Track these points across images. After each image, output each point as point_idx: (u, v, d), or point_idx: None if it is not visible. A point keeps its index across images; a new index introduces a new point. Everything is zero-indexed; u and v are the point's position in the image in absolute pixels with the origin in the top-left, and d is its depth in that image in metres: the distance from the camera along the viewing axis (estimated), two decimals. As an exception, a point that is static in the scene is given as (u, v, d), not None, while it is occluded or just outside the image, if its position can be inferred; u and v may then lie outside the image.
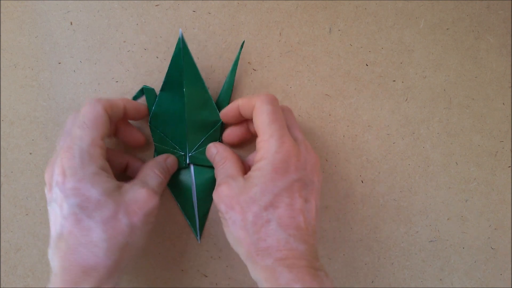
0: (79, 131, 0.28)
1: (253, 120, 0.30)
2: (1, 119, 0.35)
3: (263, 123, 0.29)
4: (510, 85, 0.36)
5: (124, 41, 0.35)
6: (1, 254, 0.36)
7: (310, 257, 0.26)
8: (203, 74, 0.35)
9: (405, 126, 0.36)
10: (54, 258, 0.27)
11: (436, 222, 0.36)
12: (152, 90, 0.34)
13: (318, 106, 0.36)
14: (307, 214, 0.27)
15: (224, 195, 0.28)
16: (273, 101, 0.29)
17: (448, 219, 0.36)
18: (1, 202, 0.36)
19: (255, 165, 0.28)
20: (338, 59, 0.36)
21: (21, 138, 0.35)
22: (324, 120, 0.36)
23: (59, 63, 0.35)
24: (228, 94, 0.34)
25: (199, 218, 0.35)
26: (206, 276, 0.36)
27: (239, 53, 0.33)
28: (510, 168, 0.36)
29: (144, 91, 0.34)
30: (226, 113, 0.33)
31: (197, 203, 0.35)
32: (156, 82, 0.35)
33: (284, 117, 0.30)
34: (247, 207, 0.27)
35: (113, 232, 0.27)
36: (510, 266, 0.36)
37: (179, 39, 0.32)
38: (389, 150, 0.36)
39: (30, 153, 0.35)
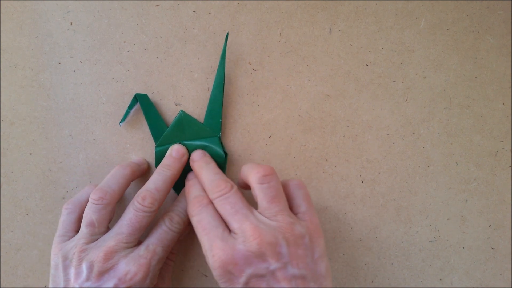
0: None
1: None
2: (1, 119, 0.35)
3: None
4: (510, 85, 0.36)
5: (124, 41, 0.35)
6: (1, 254, 0.36)
7: None
8: (203, 74, 0.35)
9: (405, 126, 0.36)
10: None
11: (436, 222, 0.36)
12: (145, 95, 0.34)
13: (318, 106, 0.36)
14: None
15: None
16: (265, 179, 0.29)
17: (448, 219, 0.36)
18: (1, 202, 0.36)
19: None
20: (338, 59, 0.36)
21: (21, 138, 0.35)
22: (324, 120, 0.36)
23: (59, 63, 0.35)
24: (220, 89, 0.34)
25: None
26: (206, 276, 0.36)
27: (225, 45, 0.33)
28: (510, 168, 0.36)
29: (138, 98, 0.34)
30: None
31: None
32: (156, 83, 0.35)
33: (284, 193, 0.29)
34: None
35: None
36: (510, 266, 0.36)
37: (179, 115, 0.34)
38: (389, 150, 0.36)
39: (30, 153, 0.35)
